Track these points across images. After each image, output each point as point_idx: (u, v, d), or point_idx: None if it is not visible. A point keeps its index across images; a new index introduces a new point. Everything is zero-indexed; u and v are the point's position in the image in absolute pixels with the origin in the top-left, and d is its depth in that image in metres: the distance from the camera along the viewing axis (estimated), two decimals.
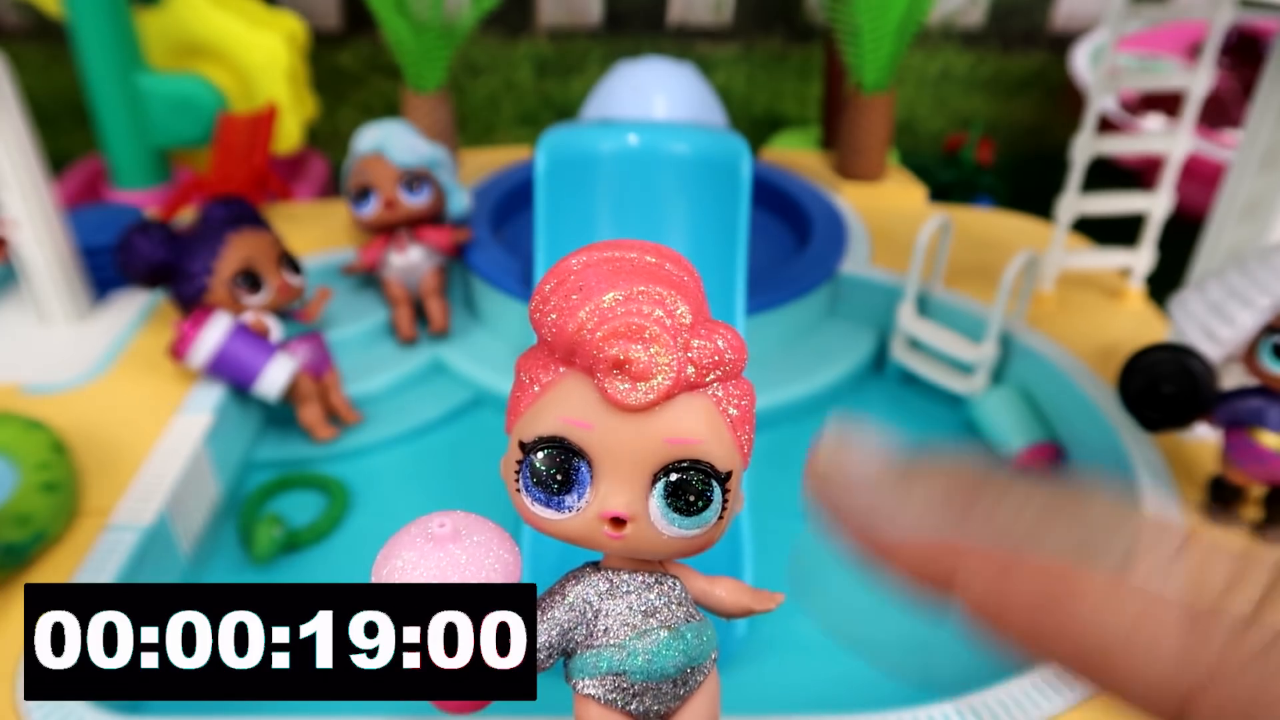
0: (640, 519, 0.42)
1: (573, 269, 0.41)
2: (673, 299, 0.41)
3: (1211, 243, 1.05)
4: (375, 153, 1.18)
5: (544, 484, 0.42)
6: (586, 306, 0.40)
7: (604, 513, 0.42)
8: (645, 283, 0.40)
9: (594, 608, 0.46)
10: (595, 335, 0.39)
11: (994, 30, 2.14)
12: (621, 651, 0.45)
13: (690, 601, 0.48)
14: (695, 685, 0.47)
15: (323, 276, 1.29)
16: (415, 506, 1.11)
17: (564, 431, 0.41)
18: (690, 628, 0.46)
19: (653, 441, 0.41)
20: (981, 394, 1.15)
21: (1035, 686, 0.71)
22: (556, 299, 0.41)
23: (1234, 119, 1.87)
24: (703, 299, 0.44)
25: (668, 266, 0.42)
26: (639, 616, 0.45)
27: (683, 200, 1.05)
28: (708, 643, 0.47)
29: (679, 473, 0.42)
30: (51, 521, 0.82)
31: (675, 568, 0.48)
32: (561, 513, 0.43)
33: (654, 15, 2.11)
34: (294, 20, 1.69)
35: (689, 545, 0.44)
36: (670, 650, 0.45)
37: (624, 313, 0.39)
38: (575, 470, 0.42)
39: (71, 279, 1.15)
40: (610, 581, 0.46)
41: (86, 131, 1.54)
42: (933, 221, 1.15)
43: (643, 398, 0.40)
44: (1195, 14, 1.14)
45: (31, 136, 1.07)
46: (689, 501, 0.42)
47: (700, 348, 0.41)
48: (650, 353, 0.39)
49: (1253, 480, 0.85)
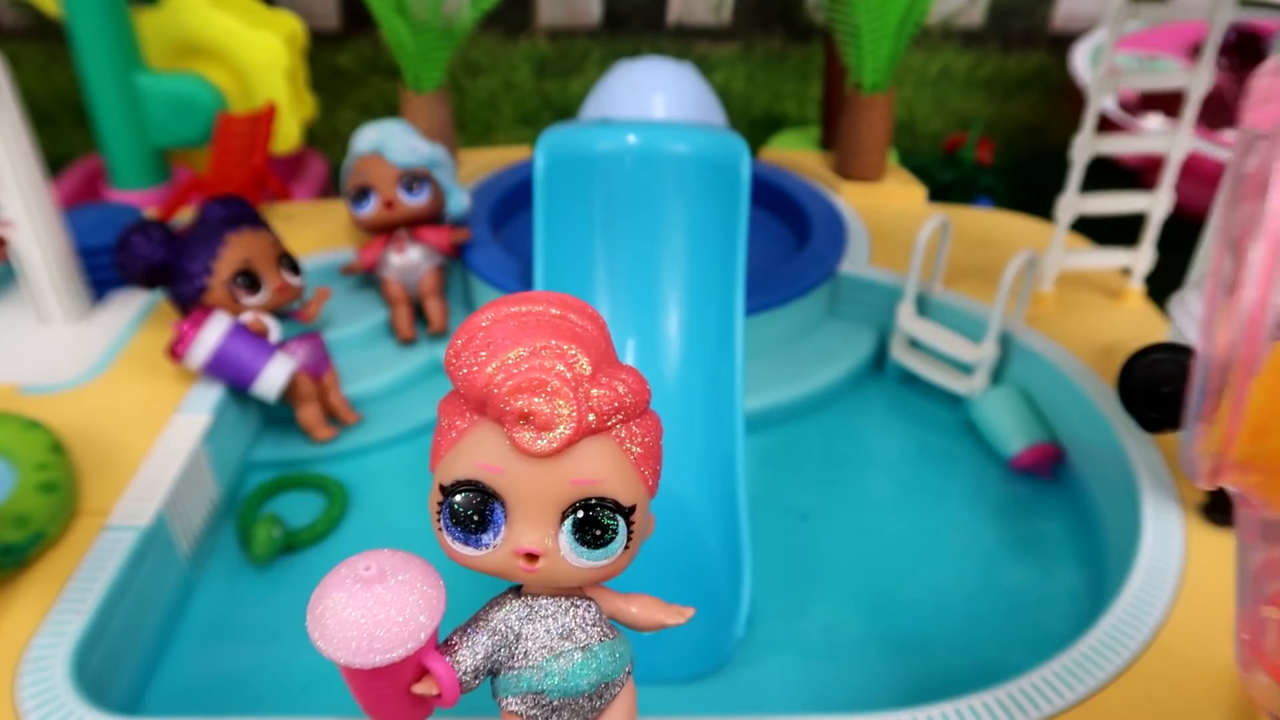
0: (551, 553, 0.46)
1: (481, 325, 0.45)
2: (573, 352, 0.44)
3: (1211, 242, 1.05)
4: (374, 153, 1.18)
5: (462, 523, 0.46)
6: (493, 363, 0.43)
7: (518, 549, 0.46)
8: (548, 337, 0.44)
9: (515, 631, 0.49)
10: (502, 390, 0.43)
11: (994, 30, 2.14)
12: (539, 672, 0.49)
13: (604, 621, 0.52)
14: (611, 698, 0.51)
15: (321, 277, 1.29)
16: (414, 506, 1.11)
17: (478, 475, 0.45)
18: (604, 646, 0.50)
19: (559, 483, 0.45)
20: (981, 394, 1.15)
21: (1035, 686, 0.71)
22: (467, 354, 0.44)
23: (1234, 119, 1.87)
24: (606, 345, 0.47)
25: (572, 317, 0.46)
26: (555, 639, 0.49)
27: (682, 200, 1.05)
28: (621, 659, 0.51)
29: (585, 510, 0.45)
30: (50, 522, 0.82)
31: (592, 590, 0.52)
32: (479, 549, 0.47)
33: (653, 15, 2.11)
34: (293, 20, 1.69)
35: (599, 574, 0.48)
36: (584, 669, 0.49)
37: (527, 368, 0.43)
38: (490, 511, 0.46)
39: (70, 279, 1.15)
40: (530, 607, 0.50)
41: (85, 131, 1.54)
42: (932, 221, 1.15)
43: (547, 446, 0.43)
44: (1195, 14, 1.14)
45: (30, 136, 1.07)
46: (596, 536, 0.46)
47: (600, 396, 0.44)
48: (552, 405, 0.43)
49: None
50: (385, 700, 0.49)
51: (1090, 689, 0.71)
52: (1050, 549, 1.01)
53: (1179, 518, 0.88)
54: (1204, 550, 0.84)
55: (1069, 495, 1.07)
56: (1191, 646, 0.75)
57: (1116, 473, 0.97)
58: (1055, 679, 0.72)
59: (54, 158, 1.29)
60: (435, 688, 0.48)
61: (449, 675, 0.48)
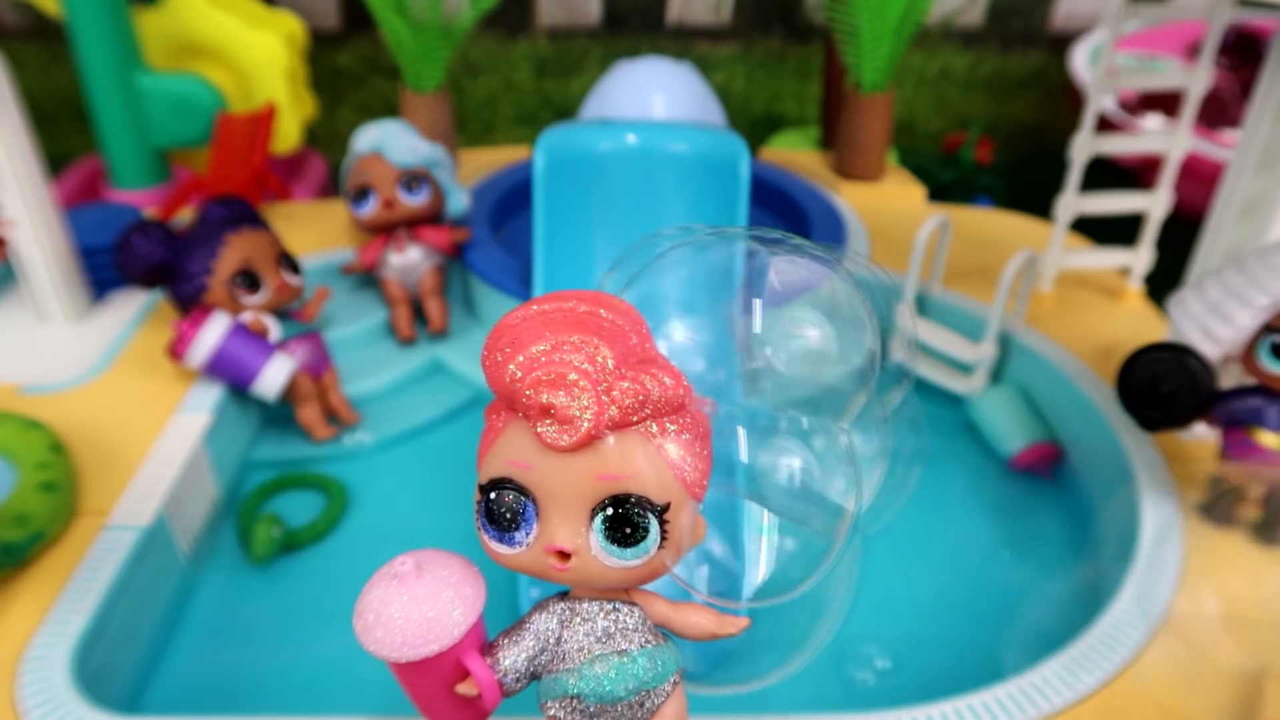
0: (582, 551, 0.46)
1: (510, 324, 0.45)
2: (596, 346, 0.43)
3: (1210, 242, 1.05)
4: (374, 153, 1.18)
5: (496, 521, 0.46)
6: (517, 358, 0.43)
7: (549, 547, 0.46)
8: (572, 332, 0.44)
9: (556, 635, 0.49)
10: (524, 384, 0.43)
11: (993, 30, 2.14)
12: (575, 675, 0.48)
13: (649, 627, 0.50)
14: (654, 708, 0.50)
15: (321, 276, 1.29)
16: (414, 506, 1.12)
17: (509, 473, 0.45)
18: (644, 653, 0.49)
19: (586, 479, 0.44)
20: (981, 393, 1.15)
21: (1034, 686, 0.71)
22: (495, 352, 0.44)
23: (1233, 119, 1.87)
24: (641, 340, 0.46)
25: (601, 313, 0.45)
26: (594, 642, 0.49)
27: (681, 199, 1.05)
28: (664, 667, 0.50)
29: (615, 506, 0.45)
30: (50, 521, 0.82)
31: (638, 595, 0.51)
32: (513, 547, 0.46)
33: (653, 15, 2.11)
34: (293, 20, 1.69)
35: (634, 574, 0.47)
36: (620, 674, 0.48)
37: (547, 362, 0.43)
38: (523, 508, 0.46)
39: (70, 279, 1.15)
40: (572, 610, 0.49)
41: (85, 131, 1.54)
42: (931, 221, 1.15)
43: (568, 439, 0.43)
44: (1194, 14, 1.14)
45: (30, 136, 1.07)
46: (625, 534, 0.45)
47: (624, 390, 0.43)
48: (573, 398, 0.43)
49: (1252, 480, 0.85)
50: (434, 699, 0.49)
51: (1089, 688, 0.71)
52: (1049, 548, 1.01)
53: (1178, 517, 0.88)
54: (1202, 549, 0.84)
55: (1068, 495, 1.07)
56: (1190, 646, 0.75)
57: (1116, 472, 0.97)
58: (1054, 678, 0.72)
59: (54, 158, 1.29)
60: (476, 689, 0.48)
61: (488, 676, 0.48)
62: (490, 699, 0.48)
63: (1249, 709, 0.70)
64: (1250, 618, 0.78)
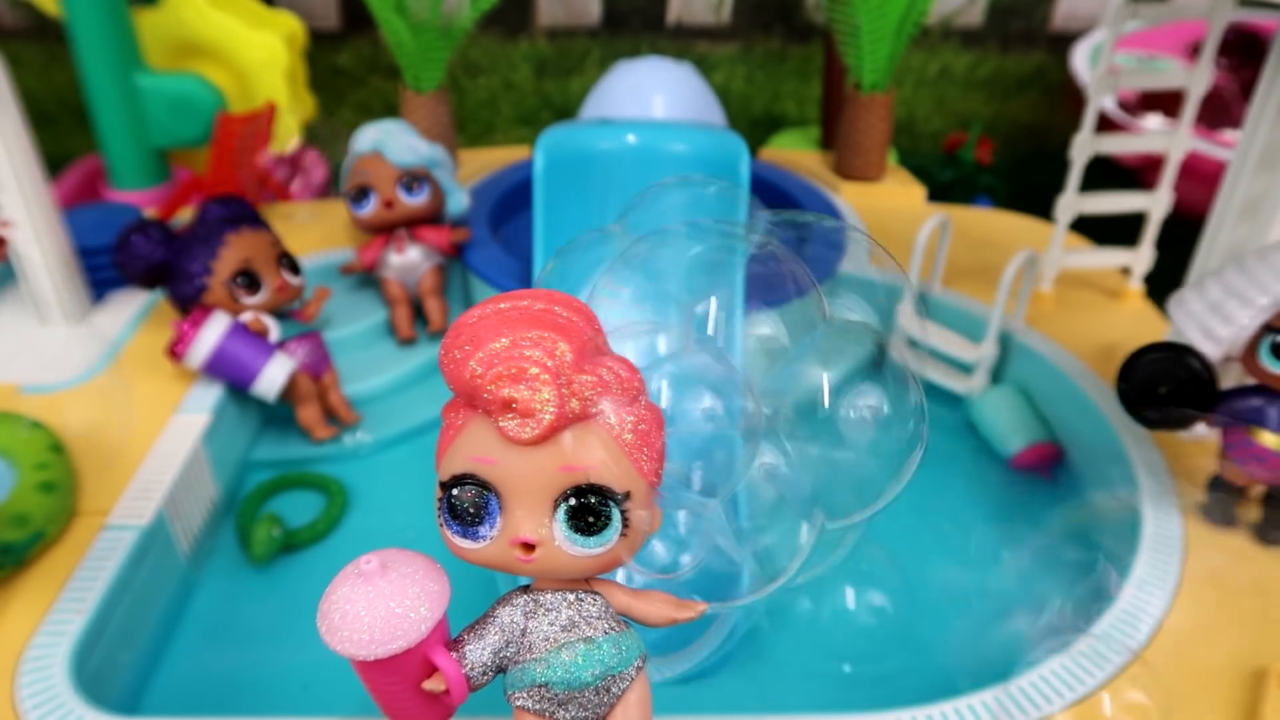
0: (547, 542, 0.47)
1: (468, 322, 0.46)
2: (554, 341, 0.44)
3: (1210, 242, 1.05)
4: (374, 152, 1.18)
5: (460, 517, 0.47)
6: (477, 355, 0.44)
7: (513, 539, 0.47)
8: (530, 328, 0.45)
9: (521, 627, 0.50)
10: (484, 379, 0.44)
11: (993, 30, 2.14)
12: (542, 664, 0.49)
13: (612, 615, 0.52)
14: (620, 693, 0.51)
15: (321, 276, 1.29)
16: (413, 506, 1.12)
17: (472, 469, 0.46)
18: (609, 639, 0.50)
19: (548, 471, 0.45)
20: (981, 393, 1.15)
21: (1034, 686, 0.71)
22: (454, 349, 0.46)
23: (1233, 118, 1.87)
24: (594, 335, 0.48)
25: (556, 309, 0.47)
26: (559, 631, 0.50)
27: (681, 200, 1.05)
28: (628, 652, 0.51)
29: (576, 497, 0.46)
30: (50, 521, 0.82)
31: (599, 584, 0.52)
32: (478, 542, 0.47)
33: (653, 15, 2.11)
34: (293, 20, 1.69)
35: (597, 563, 0.48)
36: (587, 661, 0.49)
37: (507, 357, 0.44)
38: (486, 503, 0.47)
39: (70, 279, 1.15)
40: (535, 602, 0.50)
41: (85, 131, 1.54)
42: (932, 221, 1.15)
43: (531, 433, 0.44)
44: (1194, 14, 1.14)
45: (30, 136, 1.07)
46: (588, 523, 0.46)
47: (584, 382, 0.45)
48: (534, 391, 0.44)
49: (1252, 480, 0.85)
50: (399, 697, 0.49)
51: (1089, 689, 0.71)
52: (1049, 548, 1.01)
53: (1178, 517, 0.88)
54: (1203, 549, 0.84)
55: (1069, 495, 1.07)
56: (1191, 645, 0.75)
57: (1116, 472, 0.97)
58: (1054, 679, 0.72)
59: (54, 158, 1.29)
60: (443, 684, 0.48)
61: (455, 671, 0.48)
62: (458, 694, 0.49)
63: (1249, 709, 0.70)
64: (1250, 618, 0.78)
